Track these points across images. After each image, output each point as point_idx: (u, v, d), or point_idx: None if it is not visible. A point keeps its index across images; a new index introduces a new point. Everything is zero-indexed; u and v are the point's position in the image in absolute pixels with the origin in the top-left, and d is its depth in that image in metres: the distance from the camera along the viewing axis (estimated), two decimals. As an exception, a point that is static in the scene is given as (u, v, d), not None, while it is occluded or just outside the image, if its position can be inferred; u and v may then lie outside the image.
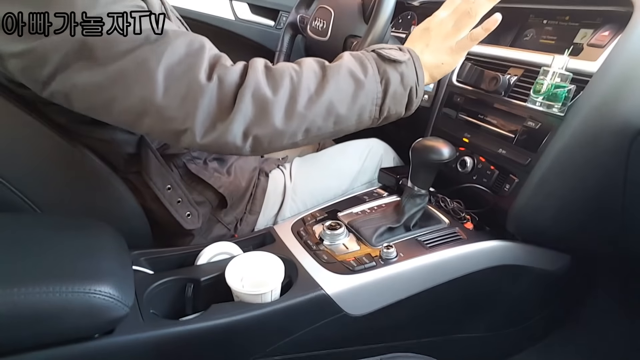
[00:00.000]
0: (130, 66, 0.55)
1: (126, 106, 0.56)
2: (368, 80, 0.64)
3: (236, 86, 0.58)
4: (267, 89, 0.59)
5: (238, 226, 0.93)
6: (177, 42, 0.57)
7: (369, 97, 0.64)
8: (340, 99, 0.63)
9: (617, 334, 1.10)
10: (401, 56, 0.66)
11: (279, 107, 0.59)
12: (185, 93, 0.56)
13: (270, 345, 0.70)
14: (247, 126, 0.58)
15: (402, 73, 0.65)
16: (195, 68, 0.57)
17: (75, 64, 0.54)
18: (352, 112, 0.64)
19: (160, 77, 0.55)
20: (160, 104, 0.56)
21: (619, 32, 0.70)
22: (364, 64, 0.65)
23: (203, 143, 0.58)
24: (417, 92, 0.67)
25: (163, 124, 0.57)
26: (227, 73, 0.58)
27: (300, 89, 0.61)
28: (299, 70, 0.62)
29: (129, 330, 0.59)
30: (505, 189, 0.79)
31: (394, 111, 0.67)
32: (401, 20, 1.27)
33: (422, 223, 0.85)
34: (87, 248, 0.60)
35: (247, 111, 0.58)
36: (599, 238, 0.84)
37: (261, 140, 0.60)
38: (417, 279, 0.78)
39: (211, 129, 0.57)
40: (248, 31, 1.55)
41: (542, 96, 0.72)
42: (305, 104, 0.61)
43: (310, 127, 0.62)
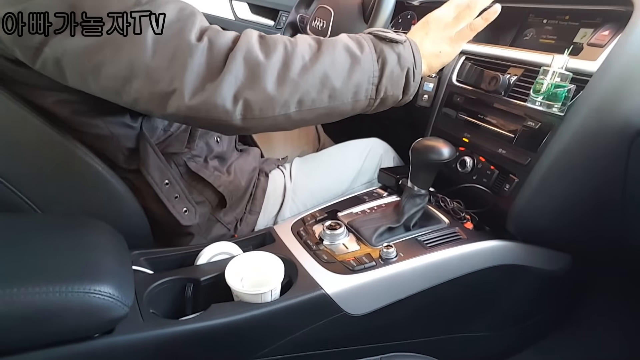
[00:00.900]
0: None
1: (114, 70, 0.57)
2: (364, 56, 0.63)
3: (228, 49, 0.58)
4: (260, 53, 0.59)
5: (238, 226, 0.93)
6: (168, 6, 0.57)
7: (365, 74, 0.63)
8: (336, 72, 0.62)
9: (617, 334, 1.09)
10: (398, 37, 0.65)
11: (272, 71, 0.58)
12: (173, 53, 0.56)
13: (270, 345, 0.70)
14: (237, 88, 0.57)
15: (399, 54, 0.65)
16: (185, 30, 0.57)
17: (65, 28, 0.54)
18: (348, 88, 0.63)
19: (148, 39, 0.55)
20: (149, 65, 0.56)
21: (619, 32, 0.70)
22: (360, 42, 0.65)
23: (191, 104, 0.57)
24: (415, 75, 0.67)
25: (151, 86, 0.57)
26: (219, 36, 0.58)
27: (294, 56, 0.60)
28: (294, 41, 0.62)
29: (128, 330, 0.59)
30: (505, 189, 0.79)
31: (390, 92, 0.66)
32: (401, 20, 1.27)
33: (422, 223, 0.85)
34: (87, 248, 0.60)
35: (238, 73, 0.57)
36: (599, 238, 0.84)
37: (252, 105, 0.59)
38: (417, 279, 0.78)
39: (200, 90, 0.57)
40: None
41: (542, 96, 0.72)
42: (299, 72, 0.60)
43: (303, 98, 0.61)
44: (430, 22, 0.73)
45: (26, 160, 0.70)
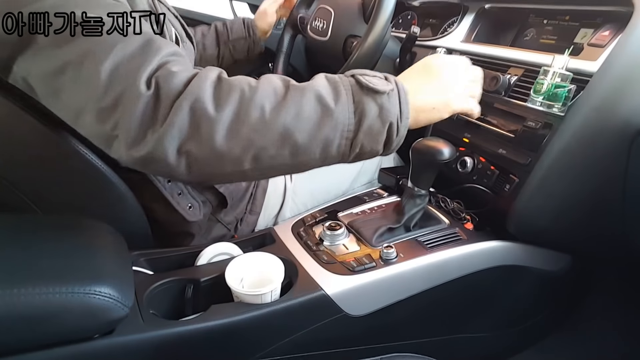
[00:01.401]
0: (79, 55, 0.51)
1: (70, 100, 0.54)
2: (338, 108, 0.54)
3: (176, 93, 0.51)
4: (210, 103, 0.51)
5: (238, 226, 0.93)
6: (134, 40, 0.52)
7: (338, 128, 0.55)
8: (300, 125, 0.53)
9: (617, 334, 1.09)
10: (383, 85, 0.56)
11: (222, 124, 0.51)
12: (120, 95, 0.50)
13: (270, 346, 0.70)
14: (181, 142, 0.50)
15: (382, 105, 0.56)
16: (139, 70, 0.51)
17: (31, 47, 0.52)
18: (315, 144, 0.54)
19: (104, 73, 0.50)
20: (99, 102, 0.51)
21: (619, 32, 0.70)
22: (337, 89, 0.56)
23: (132, 155, 0.51)
24: (399, 130, 0.58)
25: (98, 125, 0.52)
26: (169, 78, 0.51)
27: (250, 107, 0.52)
28: (255, 86, 0.54)
29: (128, 331, 0.59)
30: (506, 189, 0.78)
31: (368, 148, 0.57)
32: (401, 20, 1.27)
33: (422, 223, 0.85)
34: (87, 248, 0.60)
35: (183, 124, 0.50)
36: (599, 238, 0.84)
37: (198, 161, 0.52)
38: (417, 280, 0.78)
39: (141, 140, 0.51)
40: (248, 31, 1.54)
41: (543, 96, 0.72)
42: (254, 126, 0.52)
43: (259, 154, 0.53)
44: (433, 68, 0.64)
45: (26, 160, 0.70)
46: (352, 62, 0.89)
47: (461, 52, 0.95)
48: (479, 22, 0.98)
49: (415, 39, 0.96)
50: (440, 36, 1.04)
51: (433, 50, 0.99)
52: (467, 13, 1.01)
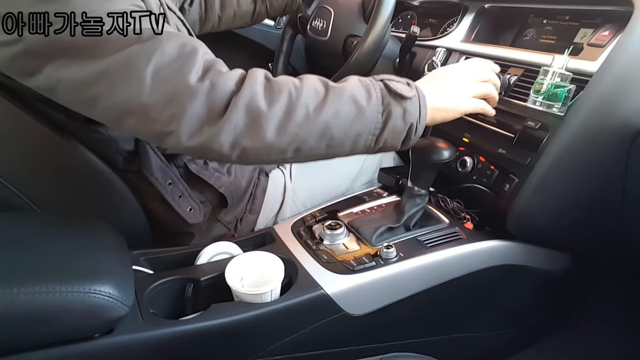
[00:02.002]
0: (117, 65, 0.53)
1: (110, 104, 0.56)
2: (370, 108, 0.61)
3: (230, 93, 0.56)
4: (263, 101, 0.57)
5: (238, 226, 0.93)
6: (169, 43, 0.55)
7: (368, 125, 0.62)
8: (338, 122, 0.60)
9: (617, 334, 1.09)
10: (408, 92, 0.63)
11: (273, 121, 0.57)
12: (172, 94, 0.54)
13: (270, 345, 0.70)
14: (236, 136, 0.56)
15: (405, 109, 0.63)
16: (185, 70, 0.55)
17: (62, 58, 0.54)
18: (347, 138, 0.62)
19: (147, 77, 0.54)
20: (145, 104, 0.54)
21: (619, 32, 0.70)
22: (369, 91, 0.63)
23: (188, 146, 0.56)
24: (417, 130, 0.65)
25: (147, 125, 0.56)
26: (221, 79, 0.56)
27: (297, 105, 0.58)
28: (300, 86, 0.60)
29: (128, 330, 0.59)
30: (505, 189, 0.79)
31: (390, 144, 0.65)
32: (401, 20, 1.27)
33: (422, 223, 0.85)
34: (87, 248, 0.60)
35: (239, 121, 0.56)
36: (599, 238, 0.84)
37: (249, 151, 0.58)
38: (417, 279, 0.78)
39: (198, 133, 0.56)
40: (248, 31, 1.54)
41: (542, 96, 0.72)
42: (300, 122, 0.58)
43: (301, 146, 0.60)
44: (448, 77, 0.72)
45: (26, 160, 0.70)
46: (352, 62, 0.89)
47: (461, 52, 0.95)
48: (479, 21, 0.98)
49: (415, 38, 0.96)
50: (440, 36, 1.04)
51: (433, 50, 0.99)
52: (467, 13, 1.01)
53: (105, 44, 0.53)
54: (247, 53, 1.59)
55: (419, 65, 1.01)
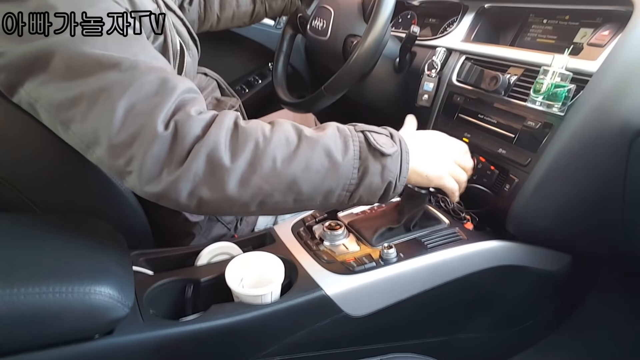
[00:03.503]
0: (92, 91, 0.51)
1: (82, 131, 0.54)
2: (345, 163, 0.58)
3: (195, 138, 0.53)
4: (226, 153, 0.53)
5: (238, 226, 0.93)
6: (149, 77, 0.53)
7: (341, 181, 0.59)
8: (308, 177, 0.57)
9: (617, 334, 1.09)
10: (389, 147, 0.61)
11: (235, 174, 0.54)
12: (137, 134, 0.52)
13: (270, 346, 0.70)
14: (195, 185, 0.53)
15: (385, 165, 0.60)
16: (156, 110, 0.52)
17: (42, 74, 0.52)
18: (318, 193, 0.58)
19: (119, 110, 0.51)
20: (113, 138, 0.52)
21: (619, 32, 0.70)
22: (347, 144, 0.59)
23: (146, 191, 0.54)
24: (396, 187, 0.62)
25: (111, 159, 0.54)
26: (188, 122, 0.53)
27: (264, 157, 0.55)
28: (269, 136, 0.56)
29: (129, 331, 0.59)
30: (505, 189, 0.78)
31: (365, 200, 0.62)
32: (401, 20, 1.27)
33: (422, 223, 0.85)
34: (87, 248, 0.60)
35: (198, 170, 0.52)
36: (599, 238, 0.84)
37: (208, 203, 0.55)
38: (417, 280, 0.78)
39: (157, 179, 0.53)
40: (248, 31, 1.54)
41: (542, 96, 0.72)
42: (265, 175, 0.55)
43: (265, 200, 0.57)
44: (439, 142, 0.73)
45: (26, 160, 0.70)
46: (351, 62, 0.89)
47: (461, 52, 0.95)
48: (479, 21, 0.98)
49: (415, 38, 0.95)
50: (440, 36, 1.04)
51: (433, 50, 0.99)
52: (467, 12, 1.01)
53: (84, 64, 0.51)
54: (247, 53, 1.59)
55: (419, 65, 1.01)
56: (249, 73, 1.63)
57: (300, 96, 1.10)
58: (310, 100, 1.00)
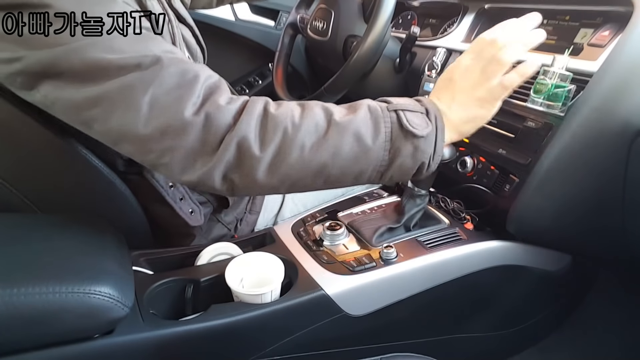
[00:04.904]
0: (114, 91, 0.52)
1: (105, 129, 0.55)
2: (375, 146, 0.57)
3: (226, 128, 0.54)
4: (255, 142, 0.54)
5: (238, 226, 0.93)
6: (169, 70, 0.53)
7: (372, 163, 0.58)
8: (337, 162, 0.57)
9: (617, 334, 1.09)
10: (422, 129, 0.58)
11: (264, 163, 0.55)
12: (166, 126, 0.52)
13: (270, 346, 0.70)
14: (227, 171, 0.55)
15: (417, 146, 0.58)
16: (182, 101, 0.53)
17: (59, 79, 0.52)
18: (348, 175, 0.59)
19: (144, 107, 0.52)
20: (141, 134, 0.53)
21: (619, 32, 0.70)
22: (377, 127, 0.58)
23: (182, 179, 0.56)
24: (429, 166, 0.60)
25: (142, 153, 0.55)
26: (218, 113, 0.54)
27: (292, 145, 0.55)
28: (299, 122, 0.56)
29: (128, 331, 0.59)
30: (506, 189, 0.78)
31: (397, 178, 0.62)
32: (401, 20, 1.27)
33: (422, 223, 0.85)
34: (87, 248, 0.60)
35: (230, 158, 0.54)
36: (599, 238, 0.84)
37: (239, 186, 0.57)
38: (417, 280, 0.78)
39: (191, 168, 0.55)
40: (248, 31, 1.54)
41: (543, 96, 0.72)
42: (294, 163, 0.55)
43: (295, 184, 0.58)
44: (455, 81, 0.64)
45: (27, 161, 0.70)
46: (352, 62, 0.89)
47: (461, 52, 0.95)
48: (479, 22, 0.98)
49: (415, 39, 0.96)
50: (440, 36, 1.04)
51: (433, 51, 0.99)
52: (467, 13, 1.01)
53: (104, 69, 0.52)
54: (247, 53, 1.60)
55: (419, 65, 1.01)
56: (249, 73, 1.63)
57: (300, 96, 1.10)
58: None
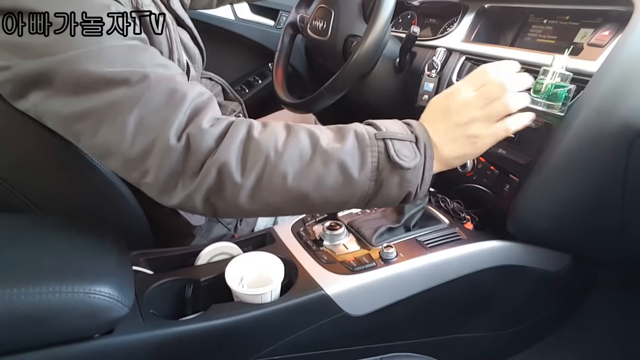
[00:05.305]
0: (101, 106, 0.51)
1: (92, 144, 0.54)
2: (361, 178, 0.55)
3: (207, 152, 0.53)
4: (237, 169, 0.53)
5: (238, 226, 0.93)
6: (157, 88, 0.52)
7: (356, 195, 0.57)
8: (321, 192, 0.55)
9: (617, 334, 1.09)
10: (410, 160, 0.56)
11: (245, 189, 0.54)
12: (149, 148, 0.52)
13: (270, 346, 0.70)
14: (208, 196, 0.54)
15: (403, 177, 0.56)
16: (167, 122, 0.52)
17: (48, 89, 0.52)
18: (331, 204, 0.58)
19: (130, 126, 0.51)
20: (125, 152, 0.53)
21: (619, 32, 0.70)
22: (364, 157, 0.56)
23: (162, 200, 0.56)
24: (417, 195, 0.59)
25: (125, 171, 0.56)
26: (200, 136, 0.53)
27: (274, 173, 0.54)
28: (282, 149, 0.54)
29: (128, 331, 0.59)
30: (505, 189, 0.78)
31: (383, 206, 0.61)
32: (401, 20, 1.27)
33: (422, 223, 0.85)
34: (87, 248, 0.60)
35: (211, 183, 0.53)
36: (599, 238, 0.84)
37: (220, 211, 0.57)
38: (417, 279, 0.78)
39: (172, 190, 0.54)
40: (248, 31, 1.55)
41: (542, 96, 0.72)
42: (275, 192, 0.54)
43: (277, 209, 0.58)
44: (451, 112, 0.59)
45: (26, 161, 0.70)
46: (351, 62, 0.89)
47: (461, 52, 0.95)
48: (479, 21, 0.98)
49: (415, 38, 0.95)
50: (440, 36, 1.04)
51: (433, 50, 0.99)
52: (467, 13, 1.01)
53: (93, 82, 0.51)
54: (247, 53, 1.60)
55: (419, 65, 1.01)
56: (249, 73, 1.63)
57: (300, 96, 1.10)
58: (310, 101, 1.00)
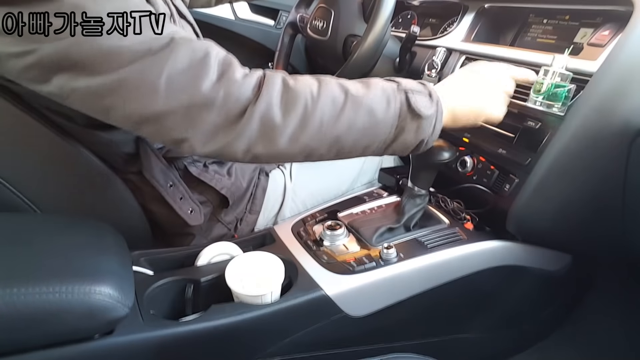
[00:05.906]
0: (130, 77, 0.53)
1: (124, 114, 0.56)
2: (385, 122, 0.62)
3: (246, 101, 0.56)
4: (278, 112, 0.57)
5: (238, 226, 0.93)
6: (180, 52, 0.55)
7: (379, 137, 0.63)
8: (350, 135, 0.61)
9: (617, 335, 1.09)
10: (427, 110, 0.63)
11: (286, 132, 0.58)
12: (187, 104, 0.55)
13: (270, 346, 0.70)
14: (249, 143, 0.58)
15: (419, 125, 0.63)
16: (199, 79, 0.55)
17: (74, 70, 0.53)
18: (357, 147, 0.63)
19: (161, 87, 0.54)
20: (161, 113, 0.55)
21: (619, 32, 0.70)
22: (389, 103, 0.62)
23: (204, 152, 0.58)
24: (427, 143, 0.66)
25: (162, 133, 0.57)
26: (236, 87, 0.56)
27: (311, 118, 0.59)
28: (317, 96, 0.59)
29: (128, 331, 0.59)
30: (505, 189, 0.78)
31: (398, 152, 0.67)
32: (401, 20, 1.27)
33: (422, 223, 0.85)
34: (87, 248, 0.60)
35: (253, 131, 0.57)
36: (599, 238, 0.84)
37: (260, 157, 0.60)
38: (417, 280, 0.77)
39: (212, 141, 0.57)
40: (248, 31, 1.55)
41: (542, 96, 0.72)
42: (313, 135, 0.59)
43: (311, 153, 0.62)
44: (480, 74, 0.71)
45: (27, 161, 0.70)
46: (351, 62, 0.89)
47: (461, 52, 0.95)
48: (479, 21, 0.98)
49: (415, 38, 0.96)
50: (440, 36, 1.04)
51: (433, 50, 0.99)
52: (467, 12, 1.01)
53: (117, 56, 0.52)
54: (247, 53, 1.60)
55: (419, 65, 1.01)
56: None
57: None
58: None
